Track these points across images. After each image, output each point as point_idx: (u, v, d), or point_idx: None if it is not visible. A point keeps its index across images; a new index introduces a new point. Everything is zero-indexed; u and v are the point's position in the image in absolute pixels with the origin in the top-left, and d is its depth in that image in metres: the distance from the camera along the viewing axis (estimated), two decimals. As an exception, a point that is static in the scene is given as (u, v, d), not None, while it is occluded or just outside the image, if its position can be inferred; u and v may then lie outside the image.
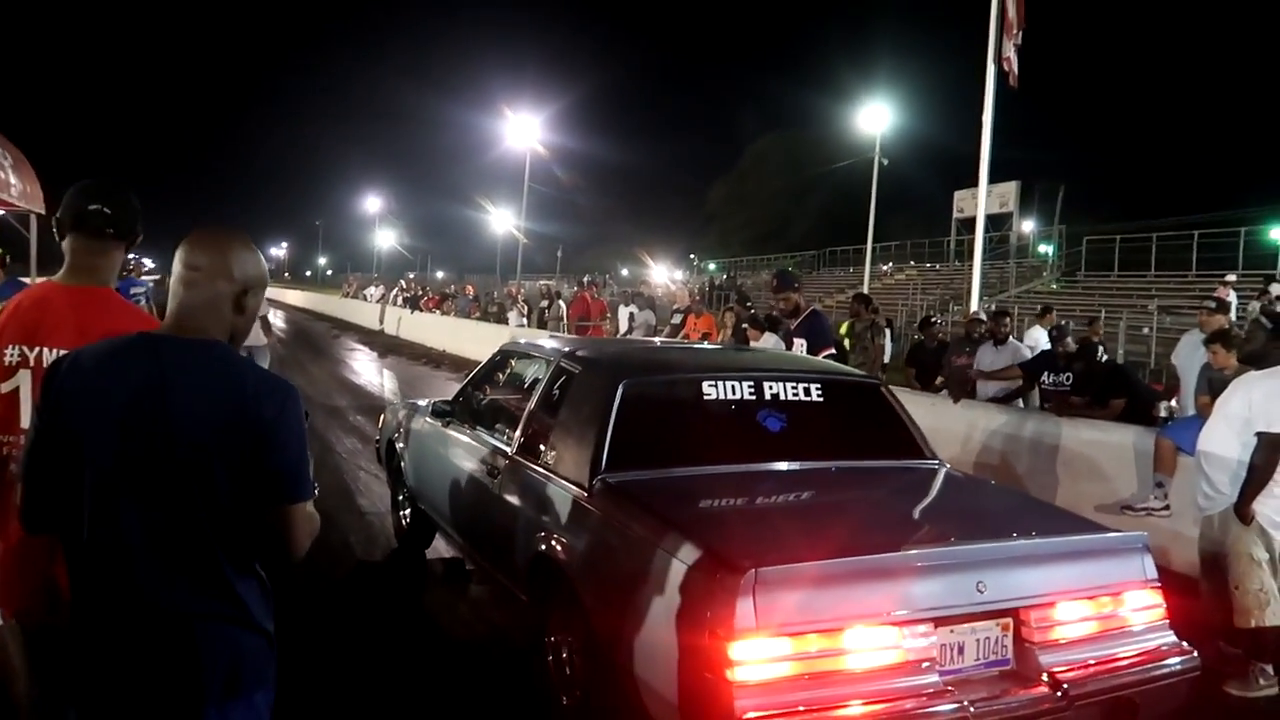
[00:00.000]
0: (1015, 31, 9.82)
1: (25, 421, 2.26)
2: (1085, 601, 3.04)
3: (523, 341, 5.60)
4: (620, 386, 3.71)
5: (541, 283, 54.49)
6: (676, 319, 13.55)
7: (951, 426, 7.98)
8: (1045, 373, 7.64)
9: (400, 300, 30.63)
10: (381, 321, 29.86)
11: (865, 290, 29.66)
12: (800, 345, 6.49)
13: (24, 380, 2.29)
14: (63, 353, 2.06)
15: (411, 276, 77.86)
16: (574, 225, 76.34)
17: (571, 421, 3.87)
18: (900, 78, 42.48)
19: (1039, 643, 2.92)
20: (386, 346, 23.40)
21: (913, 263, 41.42)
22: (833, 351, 6.65)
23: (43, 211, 11.29)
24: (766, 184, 62.37)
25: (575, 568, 3.39)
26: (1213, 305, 7.25)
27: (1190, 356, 6.88)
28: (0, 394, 2.30)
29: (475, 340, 20.30)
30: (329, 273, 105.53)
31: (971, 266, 11.48)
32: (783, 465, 3.75)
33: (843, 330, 13.01)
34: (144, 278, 12.36)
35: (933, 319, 13.30)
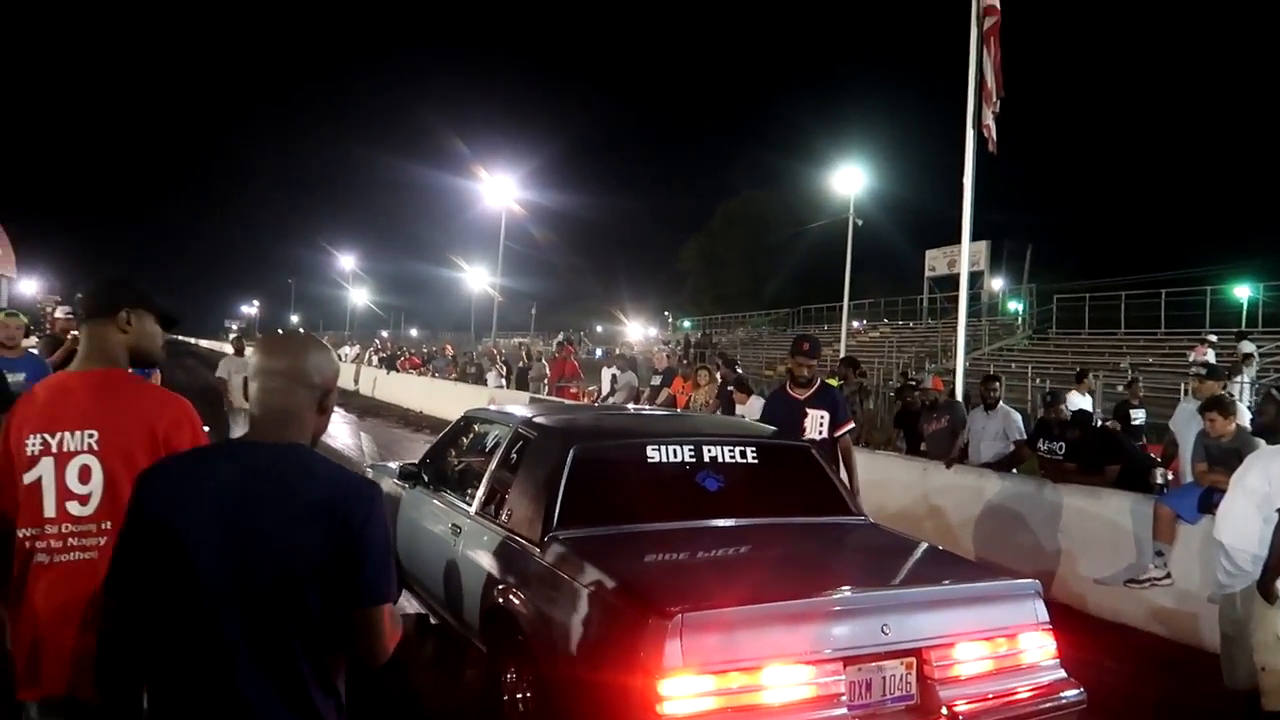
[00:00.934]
0: (994, 100, 9.97)
1: (50, 510, 2.28)
2: (982, 642, 3.32)
3: (487, 407, 5.96)
4: (571, 451, 4.00)
5: (517, 341, 54.55)
6: (656, 380, 13.45)
7: (946, 492, 7.91)
8: (1040, 439, 7.60)
9: (375, 360, 30.34)
10: (356, 382, 29.53)
11: (843, 349, 29.88)
12: (821, 418, 5.88)
13: (46, 469, 2.28)
14: (85, 435, 2.26)
15: (385, 335, 77.58)
16: (548, 282, 76.62)
17: (527, 483, 4.12)
18: (872, 139, 43.54)
19: (940, 679, 3.19)
20: (363, 408, 23.10)
21: (886, 320, 41.81)
22: (852, 426, 6.30)
23: (13, 276, 11.14)
24: (739, 242, 62.89)
25: (527, 618, 3.57)
26: (1202, 371, 7.27)
27: (1188, 424, 6.87)
28: (23, 485, 2.29)
29: (453, 401, 20.05)
30: (301, 331, 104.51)
31: (953, 324, 11.52)
32: (718, 522, 4.04)
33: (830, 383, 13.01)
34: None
35: (914, 381, 13.30)
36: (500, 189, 32.81)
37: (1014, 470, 7.89)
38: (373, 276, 78.21)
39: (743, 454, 4.31)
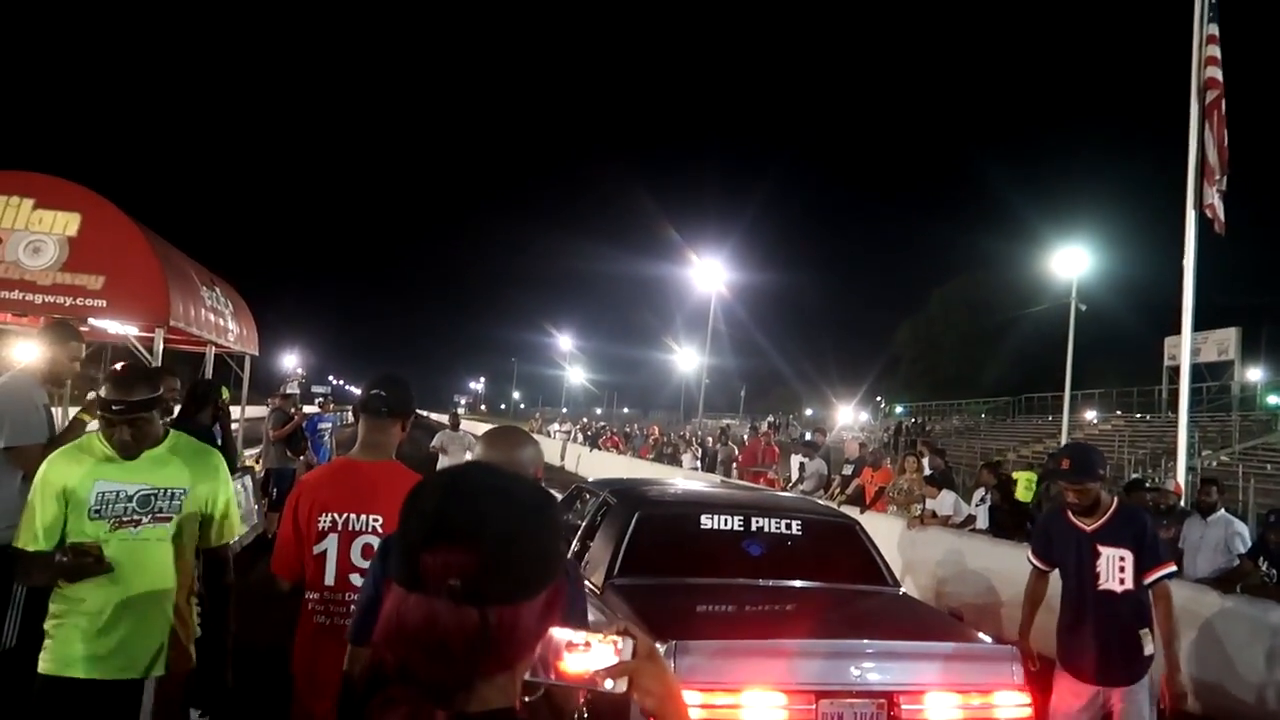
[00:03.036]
0: (1218, 177, 9.18)
1: (330, 579, 2.70)
2: (954, 693, 3.80)
3: (589, 480, 6.67)
4: (636, 514, 4.78)
5: (725, 422, 54.63)
6: (847, 469, 13.02)
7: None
8: (1260, 557, 6.72)
9: (581, 438, 31.28)
10: (562, 458, 30.57)
11: (1064, 440, 27.81)
12: (1122, 560, 3.97)
13: (331, 544, 2.68)
14: (370, 519, 2.71)
15: (599, 412, 79.87)
16: (758, 364, 76.46)
17: (602, 540, 4.86)
18: (1099, 218, 40.85)
19: None
20: (564, 483, 23.76)
21: (1119, 411, 38.59)
22: (1173, 569, 4.16)
23: (256, 353, 12.41)
24: (955, 327, 60.46)
25: None
26: None
27: None
28: (313, 555, 2.69)
29: (648, 481, 20.30)
30: (522, 406, 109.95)
31: (1197, 419, 10.41)
32: (750, 581, 4.66)
33: (1023, 484, 12.03)
34: (330, 412, 13.16)
35: (1145, 481, 12.09)
36: (710, 271, 33.43)
37: (1238, 588, 6.94)
38: (588, 357, 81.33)
39: (788, 526, 4.95)
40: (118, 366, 2.90)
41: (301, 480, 2.90)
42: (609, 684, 1.18)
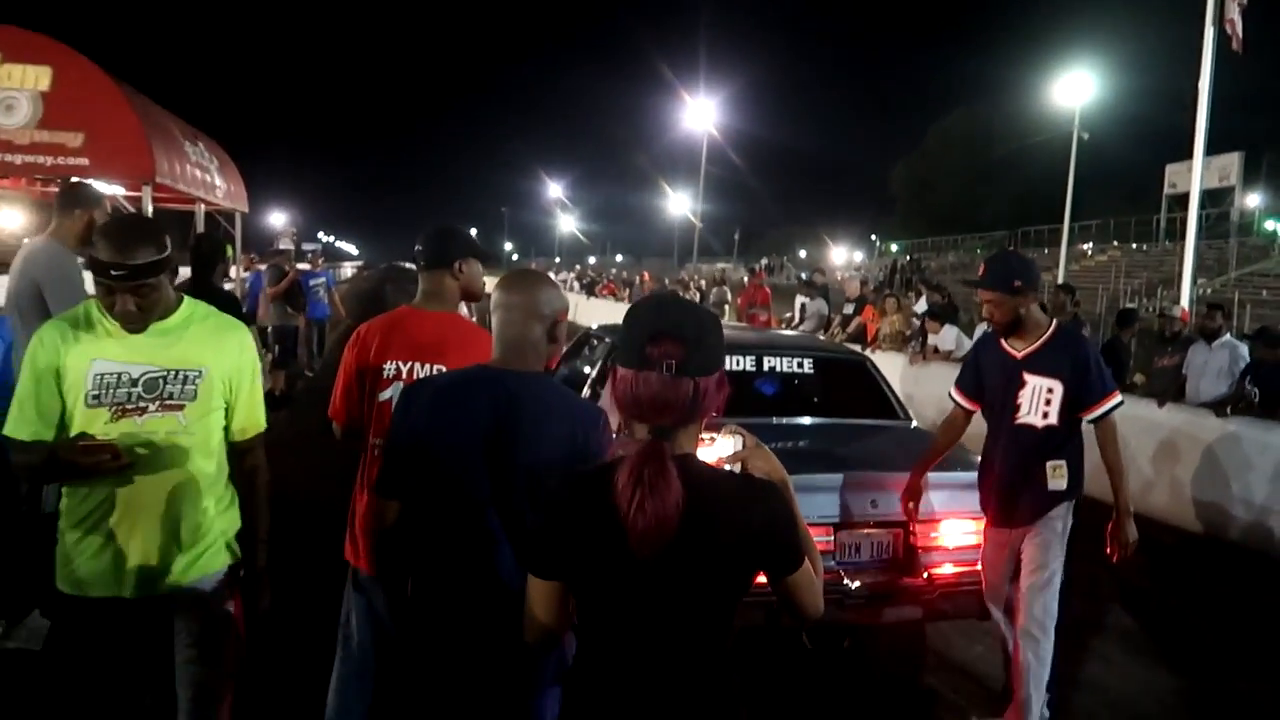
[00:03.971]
0: (1240, -11, 8.76)
1: None
2: (969, 520, 3.88)
3: (594, 326, 6.58)
4: None
5: (720, 266, 54.42)
6: (849, 309, 13.02)
7: (1153, 432, 7.26)
8: (1247, 378, 6.78)
9: (577, 286, 31.21)
10: (559, 307, 30.48)
11: (1062, 274, 27.84)
12: (1049, 391, 3.54)
13: (397, 391, 2.66)
14: (434, 368, 2.67)
15: (592, 261, 79.52)
16: (751, 208, 75.78)
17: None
18: (1101, 44, 39.40)
19: (923, 548, 3.86)
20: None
21: (1116, 243, 38.44)
22: (1113, 404, 3.57)
23: (246, 210, 12.14)
24: (953, 163, 59.35)
25: None
26: None
27: None
28: (380, 401, 2.70)
29: (647, 328, 20.34)
30: (514, 257, 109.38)
31: (1184, 248, 10.35)
32: (767, 420, 4.58)
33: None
34: (320, 268, 12.93)
35: (1137, 311, 12.10)
36: (702, 113, 32.55)
37: (1227, 410, 6.99)
38: (580, 205, 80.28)
39: (800, 364, 4.99)
40: (112, 221, 2.42)
41: (362, 328, 2.83)
42: (728, 467, 1.75)
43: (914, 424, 5.06)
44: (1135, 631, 5.01)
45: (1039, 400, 3.52)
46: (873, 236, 67.51)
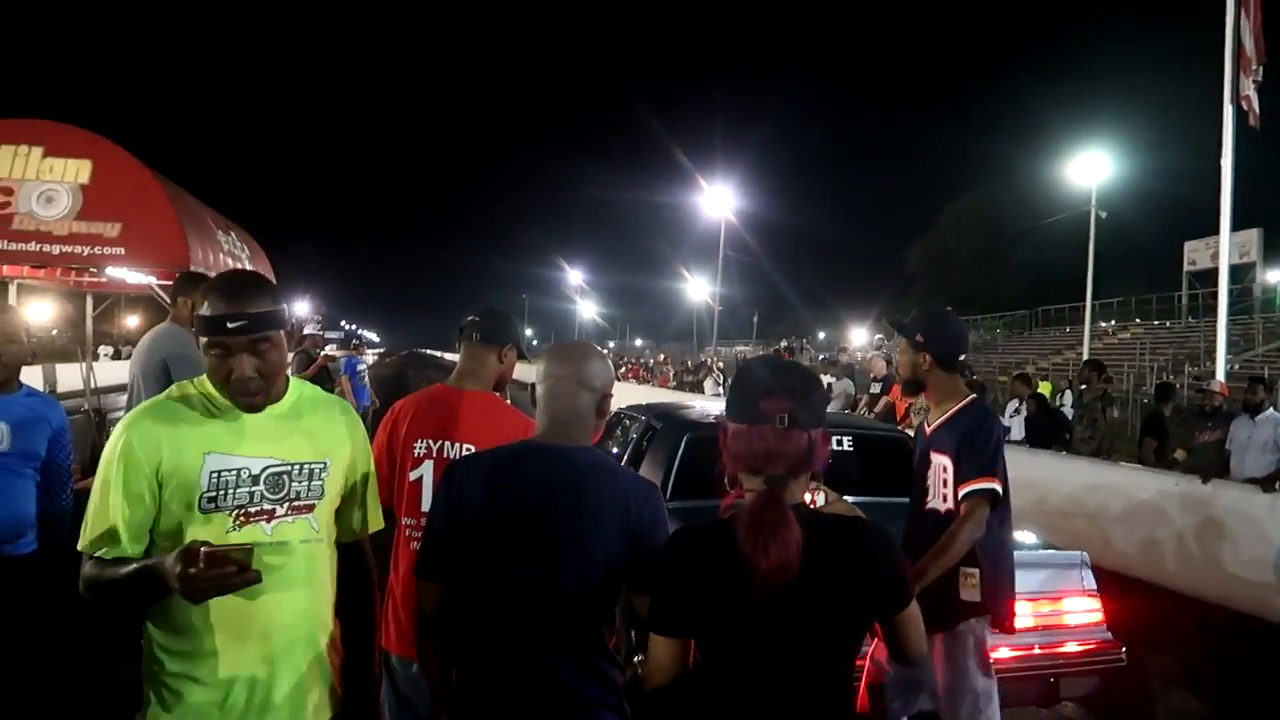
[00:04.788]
0: (1254, 67, 8.86)
1: (425, 505, 2.59)
2: (1023, 601, 3.53)
3: (625, 406, 6.45)
4: (685, 437, 4.76)
5: (738, 349, 54.49)
6: (875, 388, 12.91)
7: (1198, 508, 7.06)
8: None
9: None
10: (581, 391, 30.51)
11: (1086, 352, 27.66)
12: (943, 469, 3.11)
13: (427, 470, 2.64)
14: (464, 447, 2.60)
15: (611, 345, 79.85)
16: (769, 290, 76.28)
17: (651, 463, 4.84)
18: (1115, 124, 39.95)
19: None
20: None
21: (1138, 320, 38.26)
22: (984, 488, 2.97)
23: (274, 297, 12.33)
24: (969, 242, 59.67)
25: None
26: None
27: None
28: (409, 480, 2.65)
29: (670, 410, 20.27)
30: (534, 343, 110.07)
31: (1213, 324, 10.24)
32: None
33: (1045, 390, 11.90)
34: (359, 355, 13.09)
35: (1174, 387, 11.94)
36: (719, 199, 33.01)
37: (1276, 485, 6.82)
38: (599, 290, 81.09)
39: (839, 441, 4.87)
40: (217, 276, 1.95)
41: (395, 405, 2.81)
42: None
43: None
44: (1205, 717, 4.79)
45: (938, 480, 3.09)
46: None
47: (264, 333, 1.78)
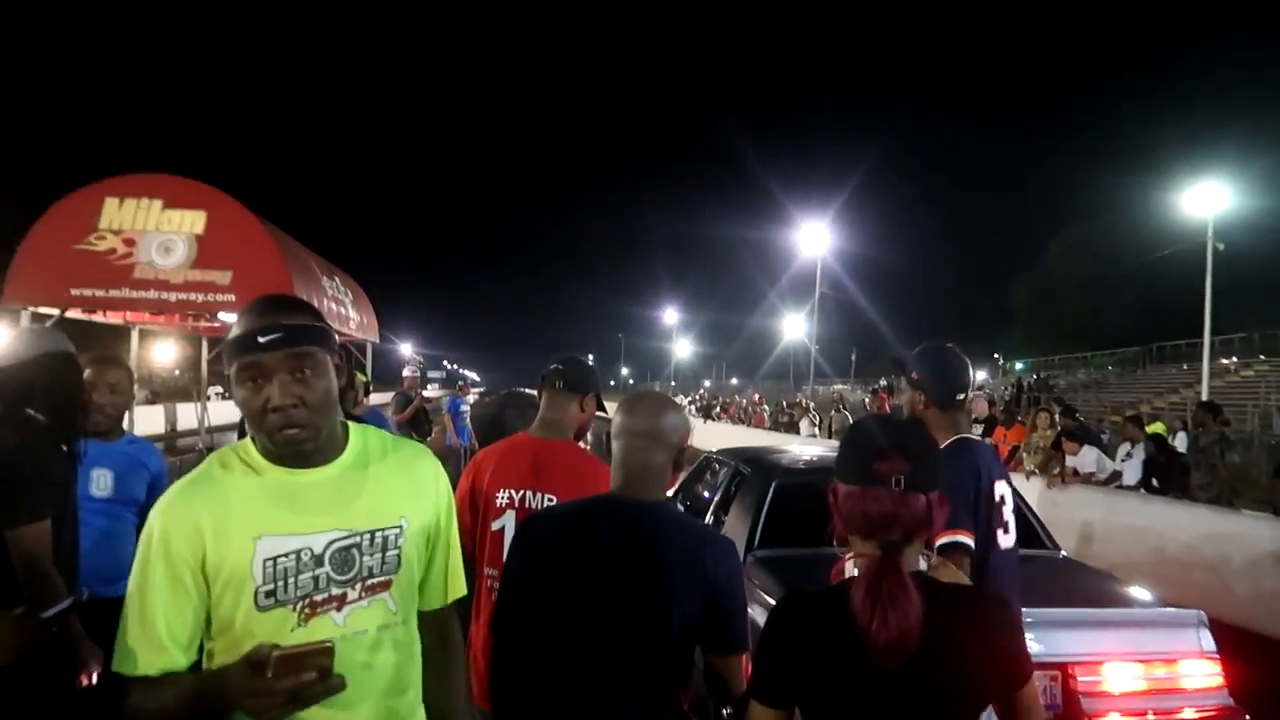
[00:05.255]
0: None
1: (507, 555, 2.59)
2: (1136, 663, 3.53)
3: (716, 450, 6.50)
4: (773, 484, 4.67)
5: (835, 388, 53.60)
6: (977, 430, 12.51)
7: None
8: None
9: (693, 409, 31.18)
10: (675, 430, 30.54)
11: (1205, 390, 26.28)
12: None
13: (510, 520, 2.64)
14: (545, 497, 2.60)
15: (706, 384, 79.69)
16: (866, 328, 74.97)
17: (738, 510, 4.79)
18: (1233, 153, 38.09)
19: (1086, 693, 3.47)
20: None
21: (1263, 356, 36.22)
22: (953, 540, 2.56)
23: (376, 340, 12.70)
24: (1076, 276, 57.66)
25: None
26: None
27: None
28: (492, 530, 2.66)
29: (764, 450, 20.08)
30: (630, 382, 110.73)
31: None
32: None
33: (1157, 428, 11.30)
34: (464, 395, 13.20)
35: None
36: (815, 236, 32.76)
37: None
38: (694, 328, 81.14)
39: None
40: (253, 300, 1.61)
41: (478, 455, 2.83)
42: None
43: (1063, 553, 4.74)
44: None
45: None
46: (995, 354, 65.65)
47: (304, 347, 1.47)
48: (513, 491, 2.66)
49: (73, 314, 8.25)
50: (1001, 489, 2.89)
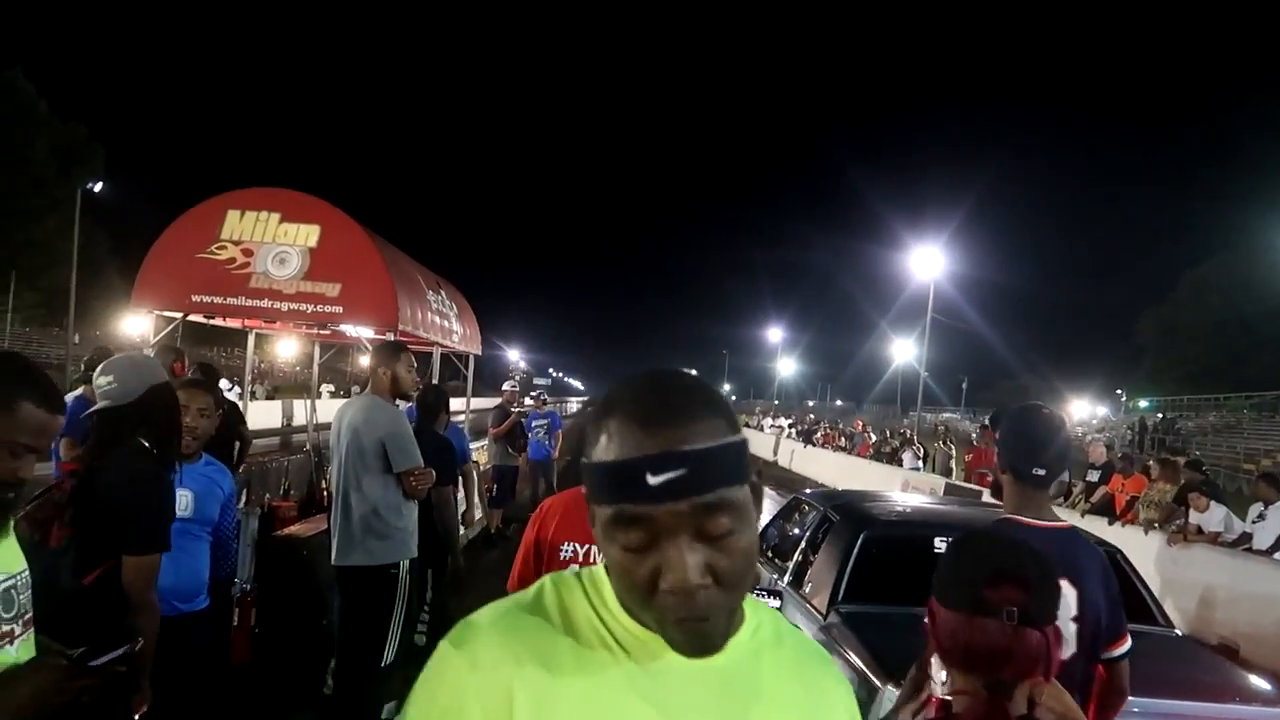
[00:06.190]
0: None
1: None
2: None
3: (807, 493, 6.40)
4: (861, 535, 4.53)
5: (944, 417, 52.01)
6: (1092, 476, 11.88)
7: None
8: None
9: (794, 433, 30.72)
10: (775, 453, 30.19)
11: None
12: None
13: None
14: None
15: (810, 404, 78.52)
16: (980, 355, 72.81)
17: (825, 559, 4.68)
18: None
19: None
20: (779, 480, 23.37)
21: None
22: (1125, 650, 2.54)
23: (479, 352, 12.86)
24: (1210, 313, 54.55)
25: None
26: None
27: None
28: None
29: (866, 481, 19.57)
30: (734, 399, 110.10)
31: None
32: None
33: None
34: (543, 409, 12.92)
35: None
36: (928, 260, 31.89)
37: None
38: (799, 349, 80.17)
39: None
40: (625, 386, 0.99)
41: (544, 504, 2.79)
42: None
43: (1177, 631, 4.40)
44: None
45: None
46: (1118, 390, 62.67)
47: (721, 492, 0.91)
48: (578, 545, 2.61)
49: (194, 318, 8.61)
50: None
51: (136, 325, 9.75)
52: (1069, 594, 2.40)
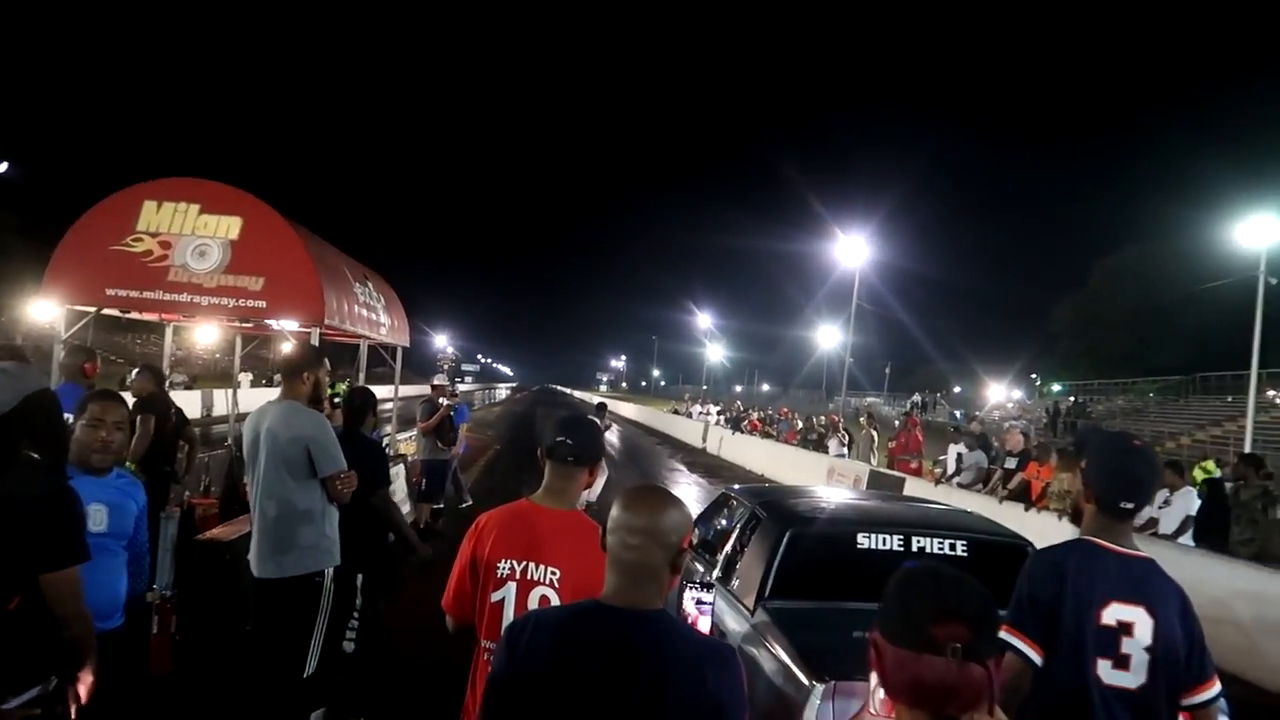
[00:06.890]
0: None
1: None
2: None
3: (735, 488, 6.43)
4: (788, 533, 4.58)
5: (868, 402, 53.07)
6: (1010, 463, 12.26)
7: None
8: None
9: (721, 420, 31.00)
10: (704, 440, 30.43)
11: (1250, 425, 25.64)
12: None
13: (510, 592, 2.58)
14: (548, 570, 2.55)
15: (738, 389, 79.33)
16: (903, 341, 74.44)
17: (752, 556, 4.75)
18: (1290, 182, 37.11)
19: None
20: (708, 468, 23.60)
21: (1314, 393, 35.34)
22: (1215, 693, 2.53)
23: (407, 344, 12.69)
24: (1122, 301, 56.59)
25: None
26: None
27: None
28: (491, 602, 2.59)
29: (794, 467, 19.87)
30: (662, 384, 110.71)
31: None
32: None
33: (1199, 477, 11.01)
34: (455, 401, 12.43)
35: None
36: (853, 248, 32.41)
37: None
38: (728, 334, 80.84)
39: (953, 546, 4.62)
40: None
41: (481, 519, 2.75)
42: None
43: None
44: None
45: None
46: (1033, 375, 64.70)
47: None
48: (514, 562, 2.59)
49: (109, 311, 8.32)
50: (1125, 614, 2.42)
51: (46, 312, 9.37)
52: (1144, 623, 2.41)
